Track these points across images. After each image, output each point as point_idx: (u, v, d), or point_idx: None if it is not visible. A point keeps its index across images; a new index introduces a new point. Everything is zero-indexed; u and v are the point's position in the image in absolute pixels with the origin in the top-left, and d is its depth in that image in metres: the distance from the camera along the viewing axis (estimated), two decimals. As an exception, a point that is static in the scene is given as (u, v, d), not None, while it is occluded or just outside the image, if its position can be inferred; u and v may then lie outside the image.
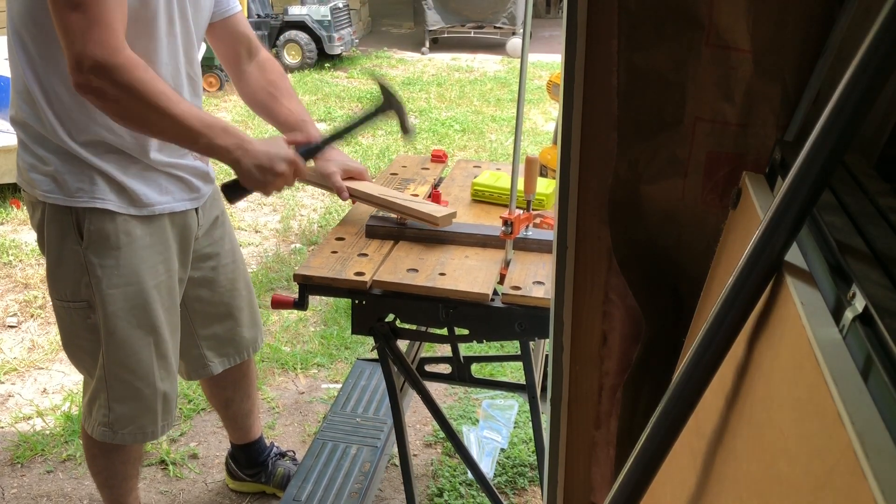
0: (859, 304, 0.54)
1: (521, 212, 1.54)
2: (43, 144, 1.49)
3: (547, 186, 1.82)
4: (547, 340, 1.30)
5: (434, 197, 1.81)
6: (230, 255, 1.86)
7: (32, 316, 3.19)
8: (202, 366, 1.90)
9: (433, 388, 2.63)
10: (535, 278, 1.49)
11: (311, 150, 1.65)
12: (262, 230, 4.14)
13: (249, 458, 2.20)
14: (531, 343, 1.63)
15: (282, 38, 7.86)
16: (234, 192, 1.61)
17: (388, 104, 1.68)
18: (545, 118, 6.25)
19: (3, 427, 2.53)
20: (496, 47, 9.11)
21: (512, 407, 2.61)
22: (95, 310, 1.57)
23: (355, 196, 1.79)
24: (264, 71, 1.80)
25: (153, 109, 1.37)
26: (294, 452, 2.29)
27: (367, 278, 1.50)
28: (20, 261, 3.65)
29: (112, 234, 1.53)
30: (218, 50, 1.79)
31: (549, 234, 1.60)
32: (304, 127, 1.78)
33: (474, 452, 2.38)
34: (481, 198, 1.87)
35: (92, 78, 1.32)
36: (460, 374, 2.07)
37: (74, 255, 1.54)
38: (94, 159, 1.49)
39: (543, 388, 1.52)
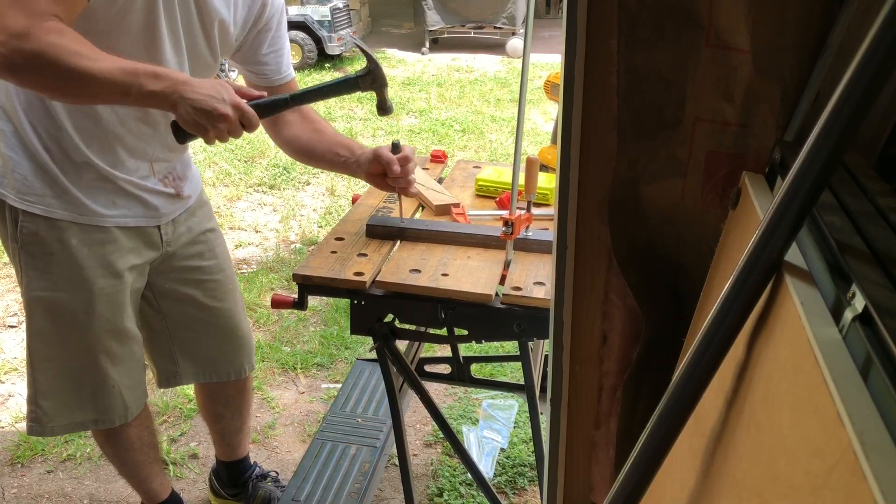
0: (859, 303, 0.54)
1: (522, 212, 1.55)
2: (2, 135, 1.47)
3: (550, 181, 1.85)
4: (546, 340, 1.30)
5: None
6: (214, 272, 1.81)
7: (32, 316, 3.19)
8: (172, 374, 1.86)
9: (433, 388, 2.64)
10: (535, 279, 1.49)
11: (266, 104, 1.46)
12: (262, 230, 4.14)
13: (232, 477, 2.16)
14: (530, 343, 1.63)
15: (282, 38, 7.86)
16: (178, 132, 1.44)
17: (371, 74, 1.51)
18: (545, 118, 6.25)
19: (3, 427, 2.53)
20: (496, 47, 9.11)
21: (512, 407, 2.61)
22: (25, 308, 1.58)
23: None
24: (308, 120, 1.75)
25: (70, 72, 1.24)
26: (277, 473, 2.23)
27: (366, 278, 1.50)
28: (20, 261, 3.65)
29: (46, 240, 1.51)
30: None
31: (549, 235, 1.60)
32: (369, 150, 1.69)
33: (474, 452, 2.38)
34: (485, 192, 1.93)
35: (2, 50, 1.20)
36: (460, 374, 2.07)
37: (13, 252, 1.54)
38: (46, 158, 1.46)
39: (543, 389, 1.52)
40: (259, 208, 4.44)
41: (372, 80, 1.51)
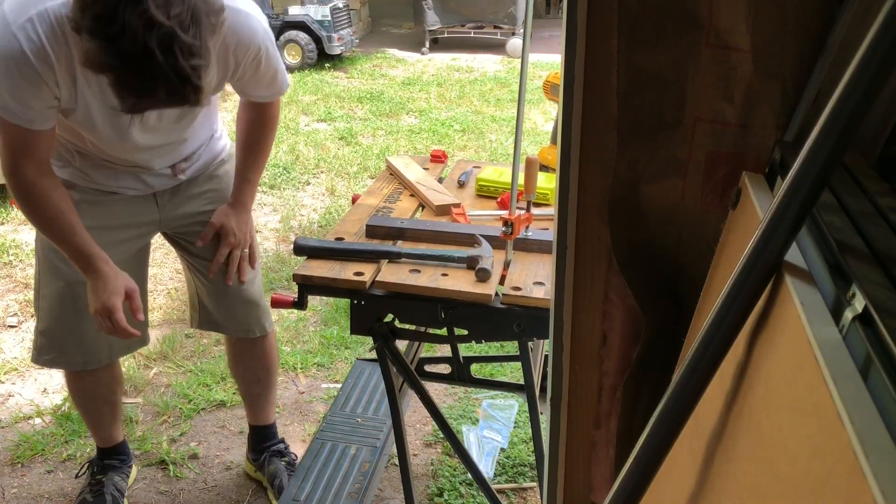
0: (859, 303, 0.54)
1: (522, 212, 1.54)
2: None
3: (550, 181, 1.84)
4: (546, 340, 1.30)
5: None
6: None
7: (33, 316, 3.19)
8: (206, 320, 2.06)
9: (433, 388, 2.63)
10: (535, 279, 1.49)
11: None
12: (262, 230, 4.14)
13: (254, 442, 2.28)
14: (530, 343, 1.63)
15: (282, 38, 7.86)
16: None
17: None
18: (545, 118, 6.25)
19: (3, 427, 2.53)
20: (496, 47, 9.10)
21: (512, 407, 2.61)
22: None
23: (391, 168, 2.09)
24: (259, 113, 1.84)
25: (44, 223, 1.63)
26: (296, 456, 2.28)
27: (366, 278, 1.50)
28: (20, 261, 3.65)
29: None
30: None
31: (549, 235, 1.60)
32: (239, 187, 1.88)
33: (474, 452, 2.38)
34: (485, 192, 1.93)
35: (8, 177, 1.55)
36: (460, 374, 2.07)
37: None
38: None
39: (543, 389, 1.52)
40: (259, 208, 4.44)
41: None
